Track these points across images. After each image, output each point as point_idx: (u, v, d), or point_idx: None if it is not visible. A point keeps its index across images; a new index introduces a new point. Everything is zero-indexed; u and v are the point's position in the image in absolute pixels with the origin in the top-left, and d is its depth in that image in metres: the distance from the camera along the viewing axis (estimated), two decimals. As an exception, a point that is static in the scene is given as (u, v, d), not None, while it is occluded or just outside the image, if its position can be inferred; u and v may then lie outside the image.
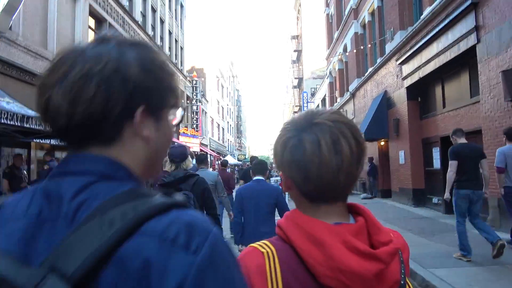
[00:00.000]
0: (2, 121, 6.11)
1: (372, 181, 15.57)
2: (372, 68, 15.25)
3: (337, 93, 23.16)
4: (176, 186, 3.07)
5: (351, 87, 18.89)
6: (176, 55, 29.21)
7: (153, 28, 23.74)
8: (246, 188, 3.98)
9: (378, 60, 14.54)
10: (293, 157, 0.77)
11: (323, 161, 0.74)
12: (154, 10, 23.78)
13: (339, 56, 21.87)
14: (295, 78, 49.96)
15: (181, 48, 30.93)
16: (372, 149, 15.68)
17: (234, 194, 5.29)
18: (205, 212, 3.34)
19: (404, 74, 11.55)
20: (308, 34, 44.09)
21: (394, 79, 12.74)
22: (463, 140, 5.32)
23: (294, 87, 51.92)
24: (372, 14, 16.01)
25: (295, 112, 52.82)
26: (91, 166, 0.56)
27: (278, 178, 23.13)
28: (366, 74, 16.25)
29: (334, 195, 0.79)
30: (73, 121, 0.55)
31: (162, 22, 25.40)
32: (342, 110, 21.33)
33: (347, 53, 19.95)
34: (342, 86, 21.99)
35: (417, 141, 11.49)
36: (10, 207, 0.56)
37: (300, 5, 46.71)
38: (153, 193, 0.54)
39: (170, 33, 27.34)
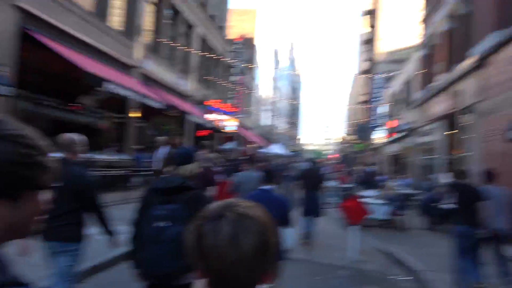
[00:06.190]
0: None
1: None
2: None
3: (439, 67, 15.18)
4: (169, 195, 2.31)
5: (479, 49, 11.02)
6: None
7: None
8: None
9: None
10: (199, 245, 0.81)
11: (219, 253, 0.79)
12: None
13: (451, 9, 13.90)
14: (365, 61, 41.27)
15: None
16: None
17: None
18: None
19: None
20: (387, 5, 35.32)
21: None
22: None
23: (364, 72, 43.22)
24: None
25: (359, 102, 44.27)
26: None
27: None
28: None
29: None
30: None
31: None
32: (450, 90, 13.47)
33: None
34: (452, 55, 14.01)
35: None
36: None
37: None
38: None
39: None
